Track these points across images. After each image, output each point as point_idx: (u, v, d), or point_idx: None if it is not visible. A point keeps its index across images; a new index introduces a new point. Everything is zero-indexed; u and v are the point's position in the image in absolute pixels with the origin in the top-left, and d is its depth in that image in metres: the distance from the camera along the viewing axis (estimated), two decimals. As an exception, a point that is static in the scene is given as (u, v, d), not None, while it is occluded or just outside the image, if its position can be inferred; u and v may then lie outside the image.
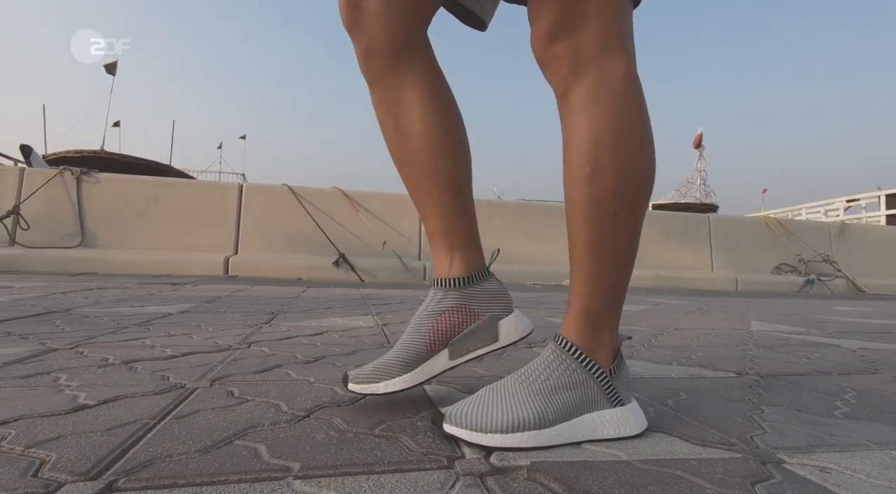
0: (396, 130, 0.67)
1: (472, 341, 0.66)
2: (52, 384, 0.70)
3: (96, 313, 1.46)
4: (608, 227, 0.57)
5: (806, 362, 1.11)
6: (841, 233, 6.10)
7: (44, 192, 4.21)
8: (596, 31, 0.55)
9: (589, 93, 0.56)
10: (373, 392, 0.62)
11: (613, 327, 0.61)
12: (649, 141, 0.59)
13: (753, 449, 0.55)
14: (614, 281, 0.60)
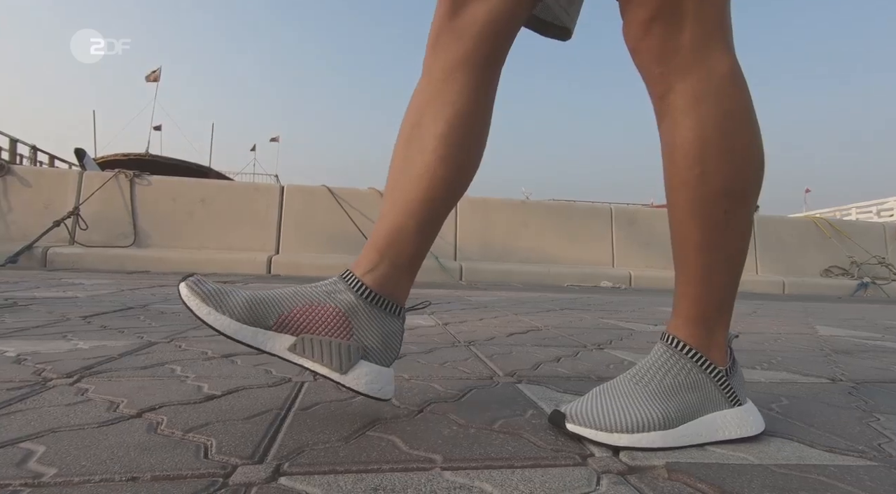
0: (415, 126, 0.62)
1: (320, 353, 0.55)
2: (171, 375, 0.73)
3: (172, 309, 1.52)
4: (720, 228, 0.56)
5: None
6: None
7: (100, 194, 4.42)
8: (698, 23, 0.53)
9: (693, 92, 0.55)
10: (195, 311, 0.54)
11: (726, 327, 0.60)
12: (757, 138, 0.57)
13: (888, 458, 0.53)
14: (726, 282, 0.59)
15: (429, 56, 0.63)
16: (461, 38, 0.61)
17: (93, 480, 0.39)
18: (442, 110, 0.61)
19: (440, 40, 0.62)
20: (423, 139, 0.61)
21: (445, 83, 0.61)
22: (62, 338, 0.98)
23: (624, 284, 4.66)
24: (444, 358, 0.96)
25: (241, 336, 0.54)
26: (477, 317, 1.67)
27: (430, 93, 0.62)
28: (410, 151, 0.62)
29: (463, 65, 0.61)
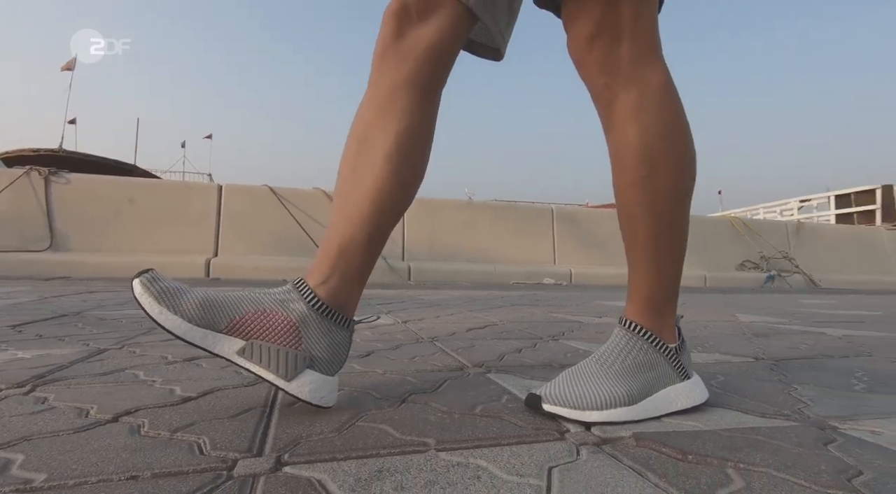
0: (363, 140, 0.64)
1: (269, 359, 0.56)
2: (136, 380, 0.71)
3: (112, 316, 1.43)
4: (665, 223, 0.64)
5: (806, 347, 1.22)
6: (798, 231, 6.50)
7: (8, 193, 4.01)
8: (636, 40, 0.61)
9: (635, 102, 0.62)
10: (147, 309, 0.54)
11: (674, 310, 0.68)
12: (691, 141, 0.65)
13: (807, 419, 0.62)
14: (672, 270, 0.66)
15: (375, 72, 0.66)
16: (406, 60, 0.64)
17: (89, 481, 0.39)
18: (389, 127, 0.63)
19: (386, 59, 0.65)
20: (371, 154, 0.63)
21: (391, 101, 0.64)
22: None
23: (565, 281, 4.88)
24: (411, 353, 0.99)
25: (190, 337, 0.55)
26: (433, 315, 1.71)
27: (376, 109, 0.65)
28: (359, 165, 0.64)
29: (408, 85, 0.64)
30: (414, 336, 1.22)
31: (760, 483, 0.43)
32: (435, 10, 0.63)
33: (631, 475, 0.44)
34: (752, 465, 0.46)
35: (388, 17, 0.64)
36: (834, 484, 0.43)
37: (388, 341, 1.13)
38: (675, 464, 0.46)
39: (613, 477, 0.43)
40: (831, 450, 0.51)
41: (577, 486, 0.41)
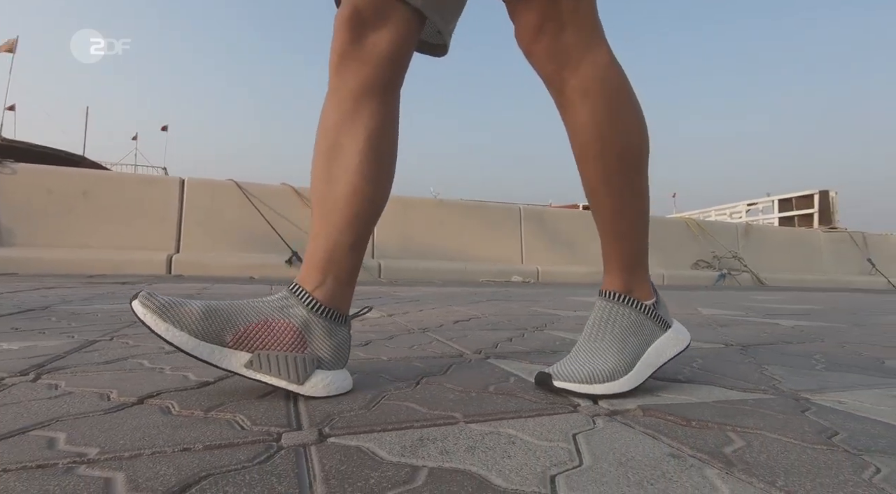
0: (333, 147, 0.66)
1: (278, 367, 0.57)
2: (143, 367, 0.70)
3: (84, 310, 1.38)
4: (625, 189, 0.68)
5: (766, 335, 1.32)
6: (746, 232, 6.90)
7: (-54, 183, 3.72)
8: (579, 26, 0.64)
9: (584, 84, 0.66)
10: (152, 327, 0.54)
11: (645, 267, 0.73)
12: (640, 112, 0.70)
13: (781, 393, 0.69)
14: (638, 233, 0.71)
15: (334, 78, 0.67)
16: (366, 64, 0.66)
17: (144, 453, 0.40)
18: (358, 131, 0.66)
19: (345, 64, 0.66)
20: (345, 159, 0.65)
21: (356, 106, 0.66)
22: (-25, 341, 0.86)
23: (532, 279, 5.00)
24: (408, 342, 1.01)
25: (198, 353, 0.55)
26: (416, 309, 1.73)
27: (341, 115, 0.66)
28: (333, 171, 0.66)
29: (370, 88, 0.66)
30: (404, 327, 1.24)
31: (758, 442, 0.48)
32: (387, 14, 0.65)
33: (646, 438, 0.48)
34: (748, 428, 0.52)
35: (341, 23, 0.66)
36: (818, 441, 0.49)
37: (381, 332, 1.15)
38: (681, 429, 0.51)
39: (632, 440, 0.47)
40: (809, 417, 0.58)
41: (602, 447, 0.45)
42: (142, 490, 0.34)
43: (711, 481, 0.39)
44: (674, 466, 0.42)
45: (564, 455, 0.43)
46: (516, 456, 0.42)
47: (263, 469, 0.38)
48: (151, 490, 0.34)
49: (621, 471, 0.40)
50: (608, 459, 0.42)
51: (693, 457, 0.44)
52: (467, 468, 0.40)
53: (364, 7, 0.65)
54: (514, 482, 0.37)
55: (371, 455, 0.41)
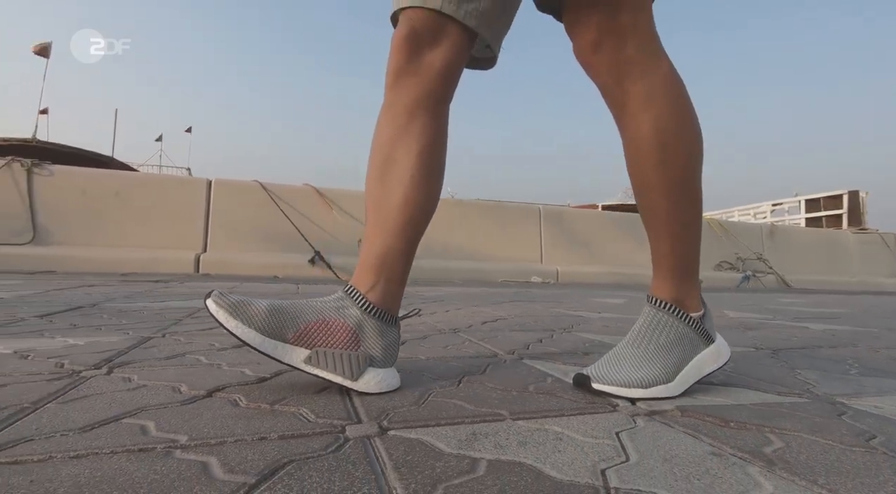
0: (388, 158, 0.70)
1: (334, 363, 0.61)
2: (201, 363, 0.75)
3: (129, 308, 1.45)
4: (680, 198, 0.70)
5: (797, 339, 1.32)
6: (771, 233, 6.77)
7: (-11, 184, 3.89)
8: (637, 40, 0.66)
9: (644, 95, 0.68)
10: (224, 324, 0.59)
11: (696, 276, 0.74)
12: (696, 120, 0.72)
13: (817, 397, 0.70)
14: (690, 241, 0.73)
15: (389, 93, 0.72)
16: (420, 81, 0.70)
17: (227, 441, 0.44)
18: (411, 144, 0.70)
19: (400, 80, 0.71)
20: (397, 171, 0.70)
21: (410, 120, 0.70)
22: (42, 336, 0.93)
23: (552, 279, 5.00)
24: (441, 342, 1.05)
25: (263, 348, 0.60)
26: (443, 309, 1.77)
27: (396, 128, 0.71)
28: (387, 181, 0.70)
29: (423, 103, 0.71)
30: (435, 327, 1.28)
31: (797, 442, 0.50)
32: (442, 33, 0.70)
33: (687, 437, 0.51)
34: (786, 430, 0.54)
35: (398, 41, 0.71)
36: (856, 444, 0.50)
37: (413, 332, 1.18)
38: (720, 429, 0.54)
39: (674, 438, 0.50)
40: (846, 421, 0.59)
41: (646, 445, 0.48)
42: (236, 472, 0.38)
43: (755, 478, 0.41)
44: (716, 463, 0.44)
45: (611, 452, 0.46)
46: (566, 451, 0.45)
47: (338, 457, 0.41)
48: (245, 472, 0.38)
49: (667, 467, 0.43)
50: (653, 455, 0.45)
51: (734, 456, 0.46)
52: (523, 460, 0.43)
53: (420, 27, 0.69)
54: (568, 474, 0.40)
55: (432, 447, 0.45)
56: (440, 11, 0.69)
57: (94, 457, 0.39)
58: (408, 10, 0.70)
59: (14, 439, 0.43)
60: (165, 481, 0.36)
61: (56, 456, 0.39)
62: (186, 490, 0.35)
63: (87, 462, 0.38)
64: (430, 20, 0.69)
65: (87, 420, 0.48)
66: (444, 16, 0.69)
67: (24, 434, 0.44)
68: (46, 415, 0.49)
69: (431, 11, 0.69)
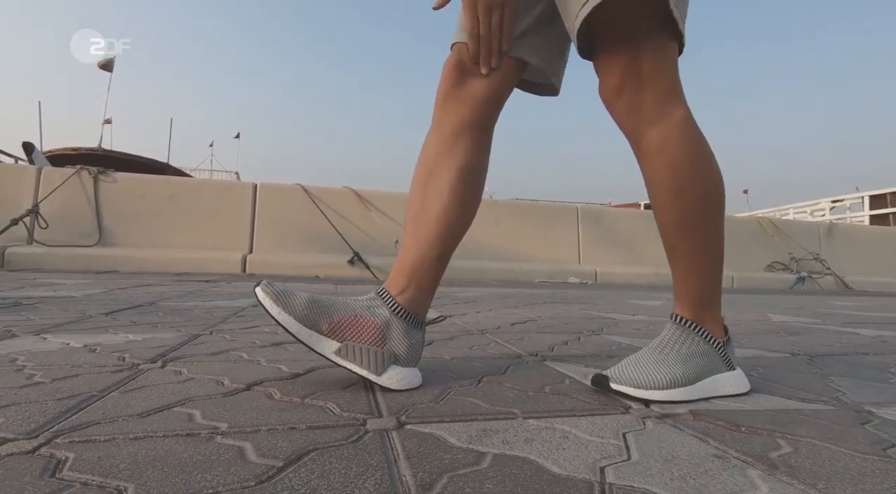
0: (430, 174, 0.76)
1: (361, 357, 0.66)
2: (243, 360, 0.82)
3: (182, 307, 1.56)
4: (700, 234, 0.72)
5: (840, 346, 1.27)
6: (829, 232, 6.38)
7: (61, 192, 4.25)
8: (657, 86, 0.69)
9: (661, 138, 0.70)
10: (268, 309, 0.65)
11: (718, 306, 0.75)
12: (714, 165, 0.73)
13: (844, 405, 0.69)
14: (713, 272, 0.74)
15: (438, 114, 0.78)
16: (466, 104, 0.76)
17: (261, 430, 0.49)
18: (453, 162, 0.76)
19: (448, 103, 0.77)
20: (438, 185, 0.75)
21: (455, 140, 0.76)
22: (107, 332, 1.03)
23: (590, 280, 4.92)
24: (468, 343, 1.08)
25: (300, 335, 0.66)
26: (474, 310, 1.80)
27: (440, 146, 0.77)
28: (428, 194, 0.76)
29: (468, 125, 0.77)
30: (463, 329, 1.32)
31: (806, 448, 0.51)
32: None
33: (694, 440, 0.52)
34: (798, 436, 0.54)
35: (448, 68, 0.78)
36: (870, 452, 0.50)
37: (442, 332, 1.23)
38: (730, 434, 0.55)
39: (680, 441, 0.51)
40: (868, 429, 0.58)
41: (650, 446, 0.50)
42: (267, 456, 0.43)
43: (752, 480, 0.42)
44: (717, 465, 0.45)
45: (614, 451, 0.48)
46: (570, 449, 0.48)
47: (356, 447, 0.46)
48: (275, 457, 0.43)
49: (666, 466, 0.44)
50: (654, 456, 0.47)
51: (737, 459, 0.47)
52: (526, 456, 0.46)
53: (467, 57, 0.75)
54: (568, 469, 0.43)
55: (443, 441, 0.48)
56: None
57: (150, 439, 0.46)
58: (460, 43, 0.77)
59: (85, 422, 0.50)
60: (207, 462, 0.41)
61: (118, 438, 0.46)
62: (224, 470, 0.40)
63: (143, 444, 0.45)
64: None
65: (144, 407, 0.55)
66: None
67: (94, 418, 0.51)
68: (111, 402, 0.56)
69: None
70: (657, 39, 0.67)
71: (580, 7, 0.66)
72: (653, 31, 0.66)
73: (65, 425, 0.49)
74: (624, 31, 0.67)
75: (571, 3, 0.67)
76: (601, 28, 0.68)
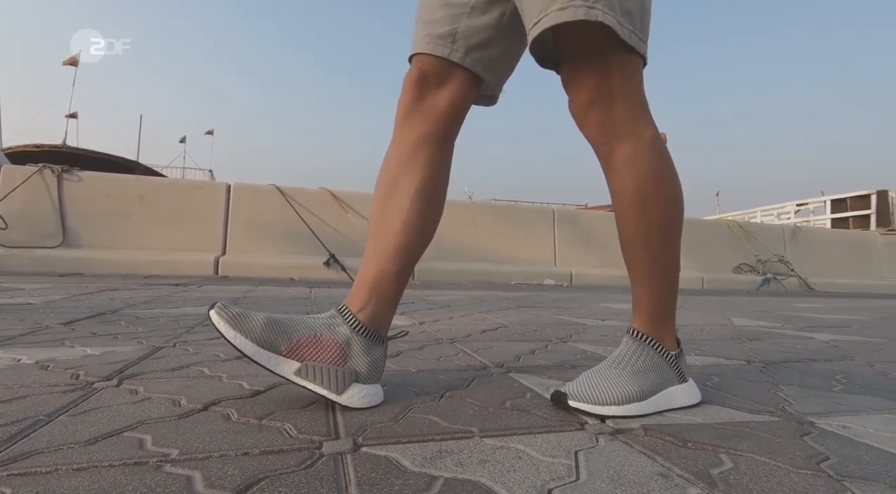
0: (391, 186, 0.76)
1: (321, 377, 0.65)
2: (204, 375, 0.80)
3: (147, 315, 1.53)
4: (659, 249, 0.74)
5: (794, 352, 1.32)
6: (794, 235, 6.61)
7: (22, 191, 4.09)
8: (627, 104, 0.70)
9: (629, 155, 0.72)
10: (223, 333, 0.64)
11: (672, 320, 0.78)
12: (676, 178, 0.76)
13: (788, 415, 0.72)
14: (669, 287, 0.77)
15: (398, 130, 0.79)
16: (427, 119, 0.77)
17: (213, 456, 0.49)
18: (414, 176, 0.76)
19: (408, 118, 0.78)
20: (399, 199, 0.76)
21: (415, 153, 0.77)
22: (63, 345, 1.00)
23: (566, 282, 4.99)
24: (436, 354, 1.09)
25: (258, 358, 0.65)
26: (447, 316, 1.81)
27: (401, 160, 0.77)
28: (388, 208, 0.76)
29: (428, 140, 0.77)
30: (434, 337, 1.32)
31: (746, 464, 0.53)
32: (449, 77, 0.78)
33: (642, 457, 0.54)
34: (740, 451, 0.57)
35: (408, 83, 0.79)
36: (805, 466, 0.53)
37: (412, 342, 1.23)
38: (677, 450, 0.57)
39: (628, 459, 0.53)
40: (806, 441, 0.61)
41: (599, 465, 0.51)
42: (215, 487, 0.42)
43: (691, 500, 0.44)
44: (660, 484, 0.47)
45: (563, 471, 0.49)
46: (521, 470, 0.49)
47: (308, 474, 0.46)
48: (223, 487, 0.42)
49: (611, 487, 0.46)
50: (602, 476, 0.48)
51: (680, 477, 0.49)
52: (478, 479, 0.47)
53: (429, 71, 0.76)
54: (516, 493, 0.44)
55: (396, 465, 0.49)
56: (448, 59, 0.76)
57: (95, 470, 0.45)
58: (420, 55, 0.77)
59: (28, 451, 0.48)
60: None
61: (61, 469, 0.45)
62: (171, 501, 0.40)
63: (87, 475, 0.44)
64: (439, 66, 0.77)
65: (92, 433, 0.53)
66: (452, 62, 0.76)
67: (37, 445, 0.50)
68: (58, 428, 0.55)
69: (440, 58, 0.76)
70: (623, 57, 0.68)
71: (531, 25, 0.67)
72: (616, 49, 0.67)
73: (5, 455, 0.47)
74: (586, 49, 0.68)
75: (527, 14, 0.68)
76: (561, 43, 0.69)
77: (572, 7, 0.62)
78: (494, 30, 0.77)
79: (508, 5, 0.76)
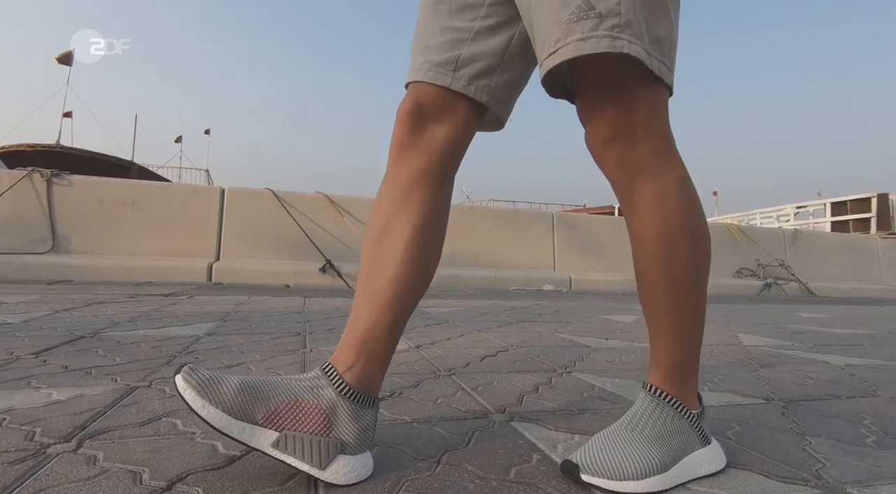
0: (385, 228, 0.69)
1: (302, 450, 0.58)
2: (175, 432, 0.73)
3: (128, 339, 1.45)
4: (687, 297, 0.67)
5: (812, 383, 1.25)
6: (794, 239, 6.56)
7: (10, 195, 4.00)
8: (650, 140, 0.63)
9: (654, 195, 0.64)
10: (190, 404, 0.57)
11: (695, 375, 0.70)
12: (705, 222, 0.68)
13: (825, 484, 0.65)
14: (694, 339, 0.69)
15: (392, 166, 0.71)
16: (423, 155, 0.69)
17: (167, 576, 0.41)
18: (409, 218, 0.68)
19: (403, 154, 0.69)
20: (392, 244, 0.68)
21: (410, 193, 0.69)
22: (28, 386, 0.92)
23: (565, 287, 4.92)
24: (432, 393, 1.01)
25: (229, 430, 0.57)
26: (444, 337, 1.73)
27: (393, 201, 0.69)
28: (381, 253, 0.68)
29: (425, 177, 0.69)
30: (431, 367, 1.25)
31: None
32: (448, 109, 0.69)
33: (671, 562, 0.46)
34: (783, 549, 0.49)
35: (402, 115, 0.69)
36: (862, 574, 0.45)
37: (406, 375, 1.15)
38: (710, 547, 0.49)
39: (656, 566, 0.46)
40: (853, 527, 0.54)
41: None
42: None
43: None
44: None
45: None
46: None
47: None
48: None
49: None
50: None
51: None
52: None
53: (426, 102, 0.68)
54: None
55: None
56: (448, 88, 0.68)
57: None
58: (417, 84, 0.69)
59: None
60: None
61: None
62: None
63: None
64: (438, 96, 0.68)
65: (30, 534, 0.46)
66: (453, 92, 0.68)
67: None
68: (-8, 525, 0.47)
69: (440, 88, 0.68)
70: (649, 89, 0.61)
71: (546, 55, 0.59)
72: (642, 81, 0.60)
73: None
74: (608, 80, 0.61)
75: (539, 42, 0.60)
76: (579, 73, 0.62)
77: (594, 38, 0.54)
78: (501, 56, 0.69)
79: (517, 29, 0.68)
